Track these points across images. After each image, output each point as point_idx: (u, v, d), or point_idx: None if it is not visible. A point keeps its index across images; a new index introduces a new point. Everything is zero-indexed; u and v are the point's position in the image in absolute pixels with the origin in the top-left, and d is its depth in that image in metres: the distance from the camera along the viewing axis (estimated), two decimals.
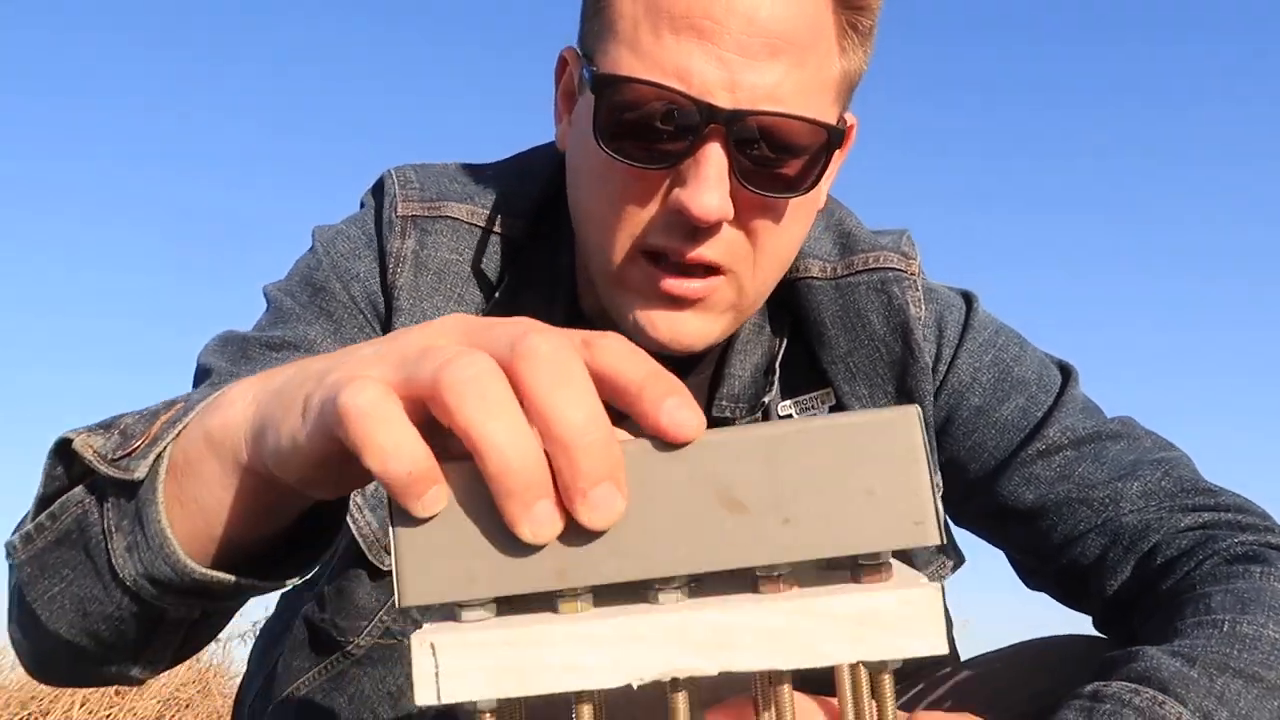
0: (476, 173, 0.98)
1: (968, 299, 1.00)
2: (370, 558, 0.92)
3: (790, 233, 0.86)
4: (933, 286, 0.99)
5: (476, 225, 0.94)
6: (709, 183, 0.77)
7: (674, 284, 0.82)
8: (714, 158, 0.77)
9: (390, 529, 0.39)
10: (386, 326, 0.92)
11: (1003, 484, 0.93)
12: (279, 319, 0.91)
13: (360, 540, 0.92)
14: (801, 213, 0.86)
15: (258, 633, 1.17)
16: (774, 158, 0.79)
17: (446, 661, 0.37)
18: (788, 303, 0.97)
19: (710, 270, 0.83)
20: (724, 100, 0.76)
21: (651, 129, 0.79)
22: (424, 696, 0.37)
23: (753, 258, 0.83)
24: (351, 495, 0.90)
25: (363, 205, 0.98)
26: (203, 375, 0.87)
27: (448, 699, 0.37)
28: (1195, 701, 0.69)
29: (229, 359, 0.87)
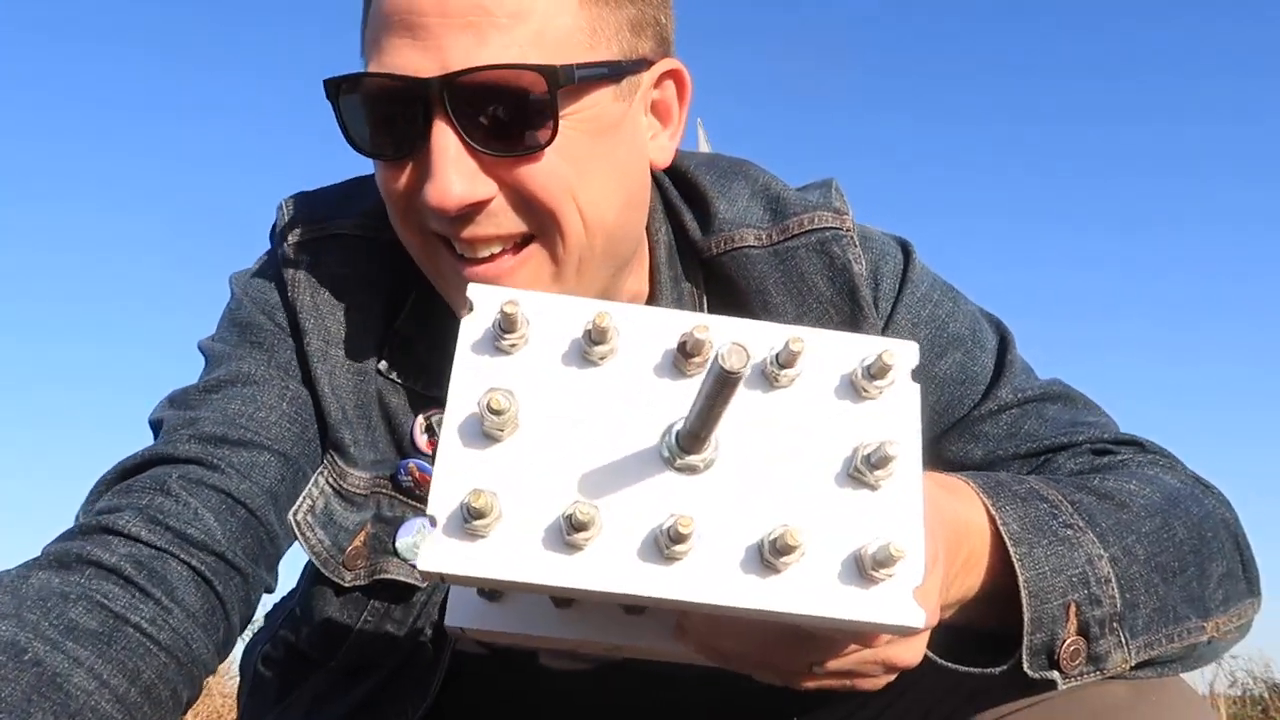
0: (364, 184, 0.98)
1: (905, 249, 0.99)
2: (328, 574, 0.93)
3: (596, 181, 0.83)
4: (868, 234, 0.98)
5: (365, 236, 0.95)
6: (443, 169, 0.78)
7: (476, 272, 0.81)
8: (442, 141, 0.78)
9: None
10: (300, 349, 0.93)
11: (950, 440, 0.94)
12: (214, 365, 0.93)
13: (314, 559, 0.93)
14: (601, 158, 0.83)
15: (245, 646, 1.16)
16: (504, 115, 0.78)
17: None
18: (722, 275, 0.95)
19: (526, 240, 0.83)
20: (433, 74, 0.77)
21: (380, 121, 0.82)
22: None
23: (558, 216, 0.82)
24: (300, 513, 0.91)
25: (270, 239, 1.00)
26: (155, 428, 0.90)
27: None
28: (1065, 495, 0.76)
29: (175, 409, 0.90)
